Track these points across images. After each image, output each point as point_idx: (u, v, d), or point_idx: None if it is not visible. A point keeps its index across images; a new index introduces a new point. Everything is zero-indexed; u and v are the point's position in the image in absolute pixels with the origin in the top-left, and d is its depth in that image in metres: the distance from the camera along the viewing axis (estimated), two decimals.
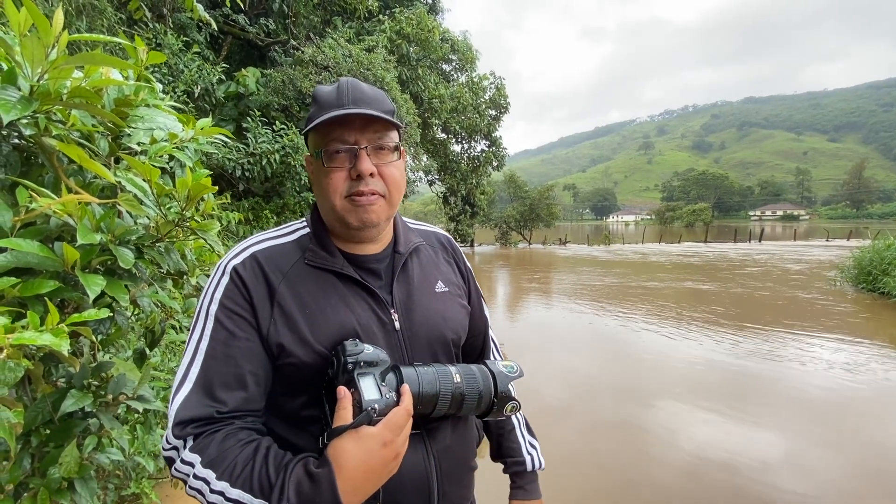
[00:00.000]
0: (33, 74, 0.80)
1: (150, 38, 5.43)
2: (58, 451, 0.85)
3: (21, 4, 0.76)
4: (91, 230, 0.79)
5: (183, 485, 0.65)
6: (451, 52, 12.71)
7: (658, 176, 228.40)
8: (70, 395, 0.88)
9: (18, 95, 0.77)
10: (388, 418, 0.63)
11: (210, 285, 0.75)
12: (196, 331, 0.71)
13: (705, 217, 54.21)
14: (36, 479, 0.85)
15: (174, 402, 0.67)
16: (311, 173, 0.82)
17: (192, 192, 0.95)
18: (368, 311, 0.78)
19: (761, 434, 3.29)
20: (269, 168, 5.63)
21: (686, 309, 7.76)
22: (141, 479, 2.25)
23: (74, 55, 0.81)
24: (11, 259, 0.73)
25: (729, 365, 4.83)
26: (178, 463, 0.64)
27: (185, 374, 0.69)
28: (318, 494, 0.58)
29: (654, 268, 14.43)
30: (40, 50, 0.77)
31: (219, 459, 0.62)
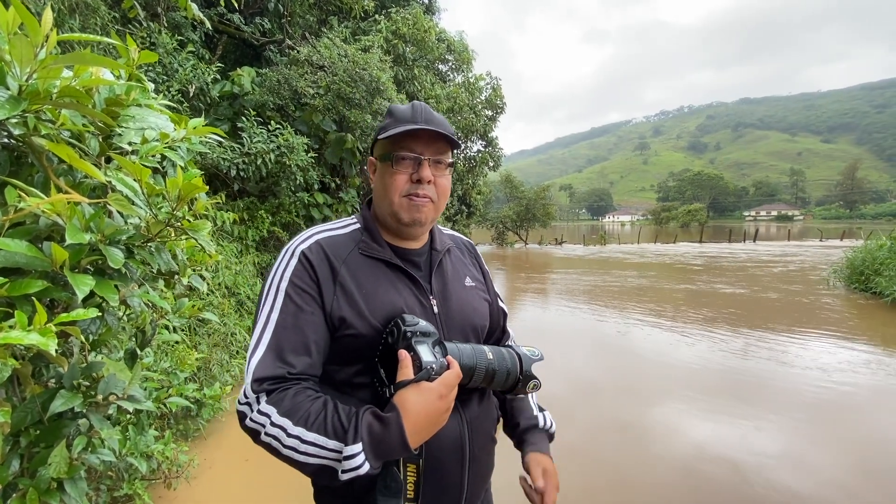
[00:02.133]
0: (22, 74, 0.80)
1: (144, 36, 5.40)
2: (47, 451, 0.85)
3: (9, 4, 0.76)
4: (80, 230, 0.79)
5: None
6: (448, 52, 12.70)
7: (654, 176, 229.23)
8: (59, 396, 0.88)
9: (7, 95, 0.77)
10: (443, 377, 0.75)
11: (279, 266, 0.87)
12: (266, 304, 0.83)
13: (700, 217, 54.44)
14: (25, 479, 0.85)
15: (251, 363, 0.77)
16: (373, 174, 0.98)
17: (183, 191, 0.95)
18: (412, 295, 0.90)
19: (759, 433, 3.31)
20: (265, 168, 5.60)
21: (683, 309, 7.80)
22: (134, 480, 2.24)
23: (64, 55, 0.81)
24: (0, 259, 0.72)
25: (726, 365, 4.86)
26: (253, 414, 0.74)
27: (258, 339, 0.79)
28: (387, 434, 0.70)
29: (650, 268, 14.49)
30: (29, 49, 0.77)
31: (293, 410, 0.72)
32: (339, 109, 6.27)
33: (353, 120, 6.33)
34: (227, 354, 3.91)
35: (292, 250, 0.87)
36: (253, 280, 5.29)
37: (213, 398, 3.10)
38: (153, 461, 2.33)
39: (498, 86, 13.72)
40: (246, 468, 2.81)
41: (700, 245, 24.54)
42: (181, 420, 3.04)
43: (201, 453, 2.88)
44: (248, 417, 0.74)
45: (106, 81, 0.96)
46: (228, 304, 4.48)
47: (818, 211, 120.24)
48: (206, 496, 2.49)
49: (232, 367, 3.82)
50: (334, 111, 6.36)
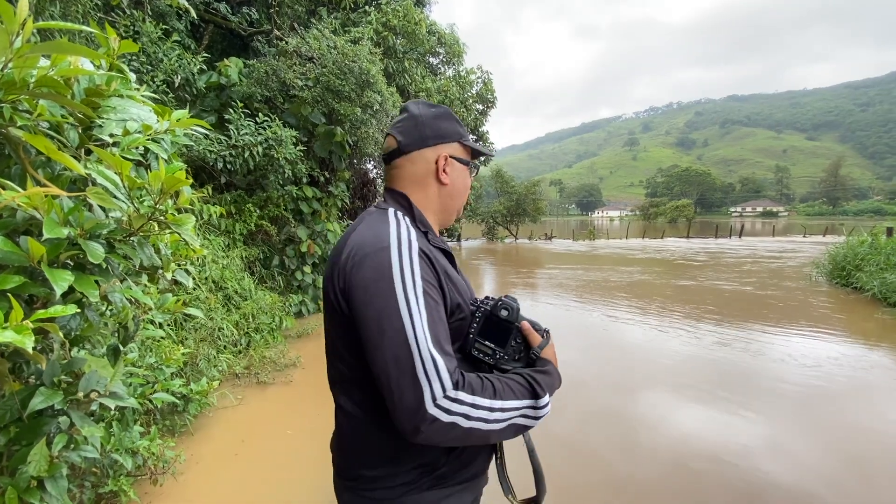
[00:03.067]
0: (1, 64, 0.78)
1: (127, 25, 5.27)
2: (27, 449, 0.83)
3: None
4: (58, 224, 0.77)
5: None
6: (438, 44, 12.61)
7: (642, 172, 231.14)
8: (39, 393, 0.86)
9: None
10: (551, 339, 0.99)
11: (403, 266, 0.82)
12: (406, 304, 0.79)
13: (688, 213, 55.13)
14: (4, 478, 0.83)
15: (437, 362, 0.77)
16: (448, 174, 0.99)
17: (166, 185, 0.93)
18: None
19: (743, 422, 3.38)
20: (252, 161, 5.53)
21: (669, 303, 7.89)
22: (119, 477, 2.21)
23: (41, 43, 0.78)
24: None
25: (710, 357, 4.94)
26: (454, 406, 0.76)
27: (423, 338, 0.78)
28: (552, 378, 0.92)
29: (637, 262, 14.64)
30: (4, 38, 0.75)
31: (485, 389, 0.80)
32: (329, 102, 6.20)
33: (343, 113, 6.27)
34: (215, 349, 3.87)
35: (411, 249, 0.84)
36: (241, 274, 5.24)
37: (199, 393, 3.07)
38: (138, 457, 2.30)
39: (489, 80, 13.68)
40: (235, 463, 2.79)
41: (687, 240, 24.84)
42: (167, 415, 3.01)
43: (188, 449, 2.86)
44: (448, 412, 0.75)
45: (85, 71, 0.94)
46: (216, 298, 4.43)
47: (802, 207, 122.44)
48: (194, 492, 2.47)
49: (219, 361, 3.78)
50: (323, 104, 6.29)
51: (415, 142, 0.96)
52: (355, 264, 0.83)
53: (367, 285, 0.80)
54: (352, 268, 0.83)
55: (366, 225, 0.91)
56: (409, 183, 0.98)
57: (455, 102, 11.90)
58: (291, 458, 2.82)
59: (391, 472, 0.87)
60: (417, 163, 0.97)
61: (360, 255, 0.83)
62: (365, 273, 0.81)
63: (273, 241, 6.49)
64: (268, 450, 2.94)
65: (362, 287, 0.81)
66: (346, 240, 0.91)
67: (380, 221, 0.89)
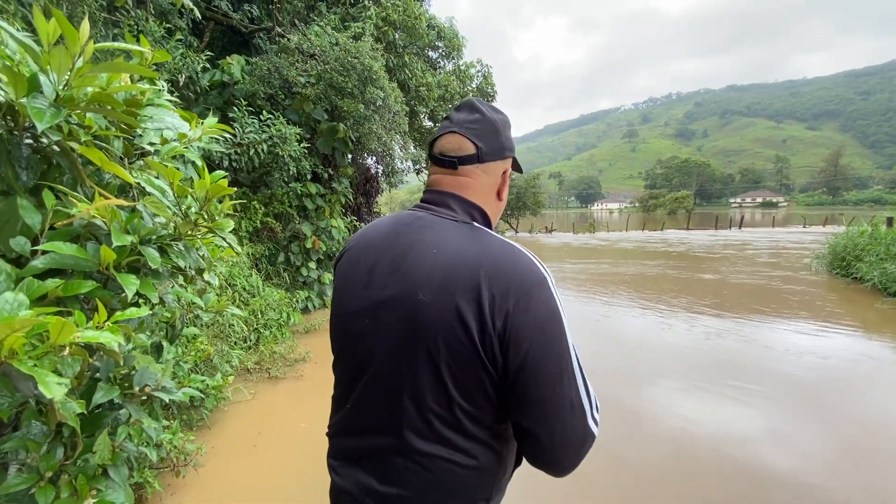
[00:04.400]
0: (60, 81, 0.83)
1: (131, 24, 5.29)
2: (91, 440, 0.90)
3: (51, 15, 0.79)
4: (122, 232, 0.83)
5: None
6: (438, 38, 12.59)
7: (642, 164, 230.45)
8: (99, 388, 0.93)
9: (48, 103, 0.80)
10: None
11: (560, 303, 0.76)
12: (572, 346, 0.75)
13: (687, 204, 55.11)
14: (70, 466, 0.90)
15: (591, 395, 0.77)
16: (504, 182, 0.90)
17: (211, 192, 0.99)
18: None
19: (744, 411, 3.46)
20: (257, 158, 5.57)
21: (669, 294, 7.97)
22: (143, 469, 2.29)
23: (100, 63, 0.84)
24: (48, 262, 0.77)
25: (711, 347, 5.02)
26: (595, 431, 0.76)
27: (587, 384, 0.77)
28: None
29: (637, 254, 14.71)
30: (67, 59, 0.80)
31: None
32: (331, 99, 6.23)
33: (346, 109, 6.30)
34: (227, 345, 3.94)
35: (551, 279, 0.78)
36: (248, 272, 5.30)
37: (215, 388, 3.15)
38: (162, 450, 2.38)
39: (489, 73, 13.66)
40: (254, 454, 2.87)
41: (687, 232, 24.91)
42: (184, 410, 3.08)
43: (207, 442, 2.94)
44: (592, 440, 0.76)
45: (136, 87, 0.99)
46: (227, 295, 4.50)
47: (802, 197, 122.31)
48: (215, 483, 2.55)
49: (231, 357, 3.86)
50: (326, 100, 6.31)
51: (494, 151, 0.86)
52: (520, 299, 0.70)
53: (543, 326, 0.71)
54: (515, 304, 0.70)
55: (505, 252, 0.75)
56: (481, 195, 0.86)
57: (455, 97, 11.90)
58: (308, 450, 2.90)
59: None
60: (491, 174, 0.87)
61: (523, 289, 0.71)
62: (539, 311, 0.71)
63: (278, 238, 6.54)
64: (284, 442, 3.02)
65: (538, 328, 0.70)
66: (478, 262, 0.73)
67: (509, 246, 0.77)
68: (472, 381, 0.72)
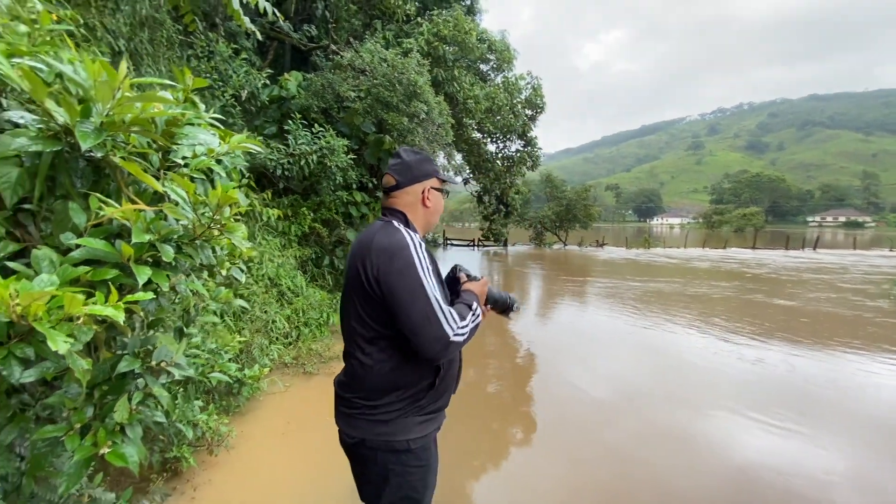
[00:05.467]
0: (104, 110, 1.04)
1: (203, 46, 5.88)
2: (114, 402, 1.09)
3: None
4: (143, 231, 1.02)
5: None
6: (489, 52, 12.78)
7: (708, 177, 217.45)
8: (124, 359, 1.12)
9: (92, 127, 1.00)
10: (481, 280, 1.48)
11: (420, 258, 1.23)
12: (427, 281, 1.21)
13: (756, 222, 51.40)
14: (97, 423, 1.09)
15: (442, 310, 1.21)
16: (430, 198, 1.40)
17: (222, 200, 1.17)
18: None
19: (819, 450, 3.16)
20: (307, 168, 5.96)
21: (732, 318, 7.46)
22: (181, 445, 2.55)
23: (135, 95, 1.04)
24: (84, 253, 0.96)
25: (780, 377, 4.66)
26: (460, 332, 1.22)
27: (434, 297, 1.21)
28: (471, 296, 1.38)
29: (696, 273, 13.95)
30: (109, 92, 1.00)
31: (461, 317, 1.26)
32: (378, 112, 6.54)
33: (391, 122, 6.59)
34: (267, 340, 4.25)
35: (419, 246, 1.27)
36: (294, 272, 5.66)
37: (252, 378, 3.42)
38: (198, 429, 2.64)
39: (538, 86, 13.64)
40: (282, 441, 3.09)
41: (752, 251, 23.23)
42: (224, 396, 3.37)
43: (240, 427, 3.20)
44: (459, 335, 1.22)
45: (165, 113, 1.19)
46: (270, 294, 4.84)
47: (894, 217, 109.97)
48: (244, 463, 2.78)
49: (271, 351, 4.15)
50: (373, 114, 6.64)
51: (409, 180, 1.38)
52: (388, 259, 1.21)
53: (400, 271, 1.19)
54: (385, 262, 1.20)
55: (383, 233, 1.28)
56: (405, 206, 1.38)
57: (503, 108, 12.00)
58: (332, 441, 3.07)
59: (388, 401, 1.26)
60: (411, 193, 1.38)
61: (389, 253, 1.22)
62: (397, 264, 1.20)
63: (324, 243, 6.92)
64: (311, 433, 3.22)
65: (396, 273, 1.19)
66: (370, 244, 1.26)
67: (393, 230, 1.28)
68: (370, 308, 1.24)
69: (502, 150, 14.70)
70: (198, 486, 2.51)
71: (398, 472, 1.28)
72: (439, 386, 1.33)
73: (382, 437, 1.27)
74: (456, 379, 1.46)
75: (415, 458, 1.30)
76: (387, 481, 1.29)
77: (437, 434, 1.40)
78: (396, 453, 1.27)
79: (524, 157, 14.42)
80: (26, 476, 1.17)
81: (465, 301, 1.36)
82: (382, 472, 1.29)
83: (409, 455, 1.28)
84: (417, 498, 1.32)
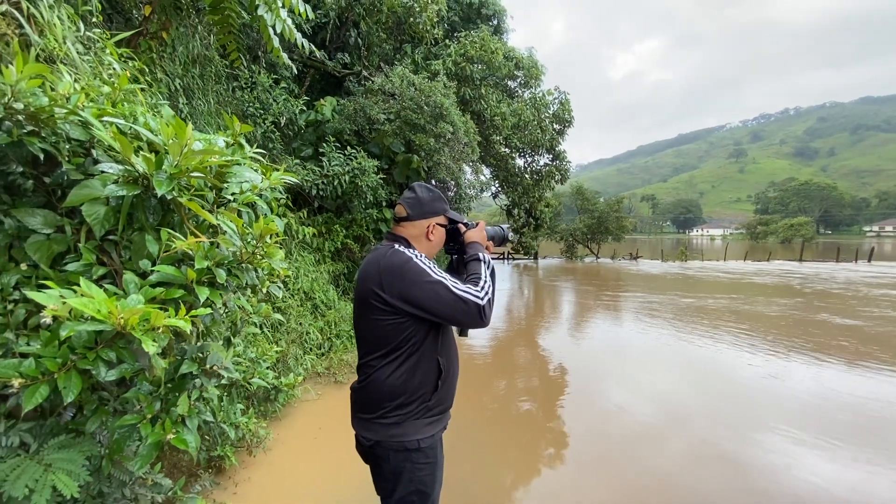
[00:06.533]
0: (174, 162, 1.30)
1: (247, 78, 6.40)
2: (176, 398, 1.33)
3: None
4: (203, 258, 1.26)
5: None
6: (517, 69, 13.02)
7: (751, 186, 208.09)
8: (185, 363, 1.37)
9: (165, 175, 1.27)
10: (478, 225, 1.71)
11: (423, 263, 1.42)
12: (438, 277, 1.40)
13: (805, 232, 48.76)
14: (163, 414, 1.34)
15: (458, 284, 1.42)
16: (434, 233, 1.60)
17: (263, 231, 1.41)
18: None
19: (889, 481, 2.99)
20: (340, 187, 6.32)
21: (781, 335, 7.16)
22: (225, 445, 2.82)
23: (199, 149, 1.30)
24: (159, 277, 1.21)
25: (842, 401, 4.38)
26: (485, 297, 1.41)
27: (445, 277, 1.42)
28: (478, 247, 1.62)
29: (736, 287, 13.48)
30: (178, 148, 1.27)
31: (479, 278, 1.49)
32: (406, 133, 6.86)
33: (419, 143, 6.89)
34: (302, 350, 4.54)
35: (419, 256, 1.47)
36: (327, 286, 5.98)
37: (287, 385, 3.69)
38: (239, 431, 2.91)
39: (566, 100, 13.74)
40: (314, 445, 3.32)
41: (799, 264, 22.13)
42: (262, 402, 3.66)
43: (276, 431, 3.46)
44: (487, 300, 1.41)
45: (221, 162, 1.45)
46: (305, 307, 5.16)
47: None
48: (278, 464, 3.03)
49: (305, 361, 4.43)
50: (402, 135, 6.97)
51: (418, 215, 1.58)
52: (400, 277, 1.39)
53: (414, 280, 1.38)
54: (397, 278, 1.39)
55: (391, 257, 1.46)
56: (412, 236, 1.58)
57: (530, 124, 12.16)
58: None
59: (400, 406, 1.45)
60: (417, 227, 1.58)
61: (399, 273, 1.40)
62: (409, 276, 1.39)
63: (356, 258, 7.25)
64: (339, 438, 3.44)
65: (411, 283, 1.37)
66: (379, 269, 1.44)
67: (398, 253, 1.47)
68: (383, 325, 1.42)
69: (530, 164, 14.82)
70: (238, 483, 2.77)
71: (409, 469, 1.46)
72: (442, 388, 1.50)
73: (396, 439, 1.45)
74: (457, 376, 1.64)
75: (424, 456, 1.48)
76: (400, 478, 1.47)
77: (442, 434, 1.58)
78: (408, 452, 1.45)
79: (552, 171, 14.47)
80: (106, 458, 1.43)
81: (473, 255, 1.57)
82: (396, 469, 1.47)
83: (418, 454, 1.46)
84: (427, 492, 1.50)
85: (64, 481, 1.18)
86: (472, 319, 1.38)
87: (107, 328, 0.92)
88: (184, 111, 4.19)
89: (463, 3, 12.66)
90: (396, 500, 1.50)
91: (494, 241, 1.81)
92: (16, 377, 1.04)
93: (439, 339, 1.50)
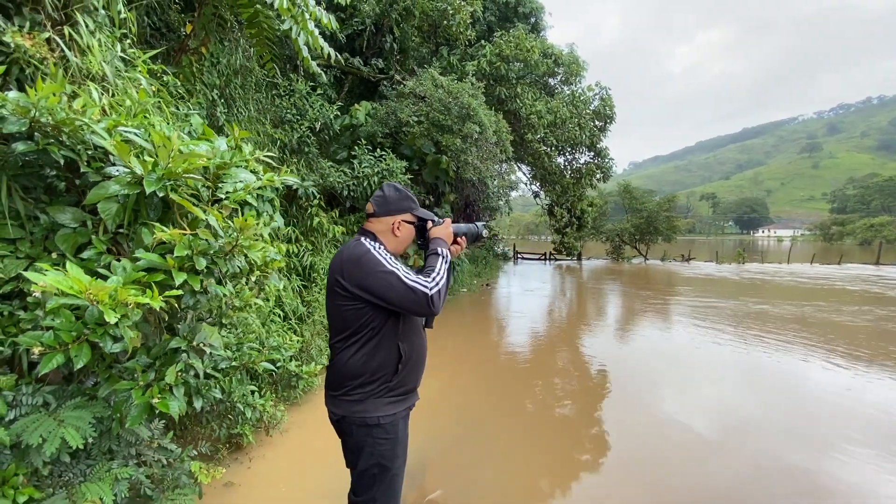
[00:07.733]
0: (164, 165, 1.50)
1: (286, 85, 6.81)
2: (165, 369, 1.53)
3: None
4: (185, 248, 1.45)
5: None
6: (556, 65, 12.84)
7: (827, 183, 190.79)
8: (175, 340, 1.57)
9: (156, 176, 1.47)
10: (444, 222, 1.81)
11: (380, 254, 1.56)
12: (392, 267, 1.53)
13: (888, 233, 44.16)
14: (155, 382, 1.54)
15: (415, 277, 1.55)
16: (400, 230, 1.72)
17: (243, 226, 1.59)
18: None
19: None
20: (370, 189, 6.58)
21: (858, 346, 6.53)
22: (244, 424, 3.07)
23: (182, 153, 1.49)
24: (145, 263, 1.41)
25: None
26: (434, 287, 1.53)
27: (399, 268, 1.56)
28: (439, 242, 1.73)
29: (803, 293, 12.52)
30: (166, 153, 1.46)
31: (433, 270, 1.60)
32: (433, 135, 7.02)
33: (446, 143, 7.02)
34: (324, 342, 4.80)
35: (377, 248, 1.61)
36: None
37: (308, 373, 3.93)
38: (256, 411, 3.16)
39: (607, 96, 13.38)
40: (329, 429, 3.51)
41: (875, 267, 20.15)
42: (285, 388, 3.92)
43: (295, 415, 3.70)
44: (435, 290, 1.52)
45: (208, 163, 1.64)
46: None
47: None
48: (292, 444, 3.26)
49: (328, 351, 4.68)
50: (430, 136, 7.14)
51: (384, 212, 1.71)
52: (357, 267, 1.53)
53: (370, 270, 1.51)
54: (355, 268, 1.53)
55: (351, 248, 1.62)
56: (377, 230, 1.71)
57: (568, 122, 11.96)
58: None
59: (361, 385, 1.58)
60: (384, 223, 1.72)
61: (356, 263, 1.55)
62: (366, 266, 1.52)
63: None
64: None
65: (367, 273, 1.51)
66: (341, 258, 1.60)
67: (358, 244, 1.63)
68: (346, 311, 1.56)
69: (570, 162, 14.55)
70: (254, 458, 3.02)
71: (370, 444, 1.59)
72: (402, 371, 1.62)
73: (358, 415, 1.58)
74: (422, 362, 1.76)
75: (384, 431, 1.60)
76: (361, 451, 1.61)
77: (408, 413, 1.69)
78: (369, 427, 1.59)
79: (593, 169, 14.12)
80: (115, 421, 1.66)
81: (433, 249, 1.68)
82: (359, 443, 1.61)
83: (379, 429, 1.59)
84: (387, 465, 1.61)
85: (71, 434, 1.41)
86: (420, 307, 1.49)
87: (81, 302, 1.12)
88: (220, 119, 4.55)
89: (499, 2, 12.67)
90: (360, 471, 1.63)
91: (467, 238, 1.92)
92: (37, 346, 1.26)
93: (400, 326, 1.61)
